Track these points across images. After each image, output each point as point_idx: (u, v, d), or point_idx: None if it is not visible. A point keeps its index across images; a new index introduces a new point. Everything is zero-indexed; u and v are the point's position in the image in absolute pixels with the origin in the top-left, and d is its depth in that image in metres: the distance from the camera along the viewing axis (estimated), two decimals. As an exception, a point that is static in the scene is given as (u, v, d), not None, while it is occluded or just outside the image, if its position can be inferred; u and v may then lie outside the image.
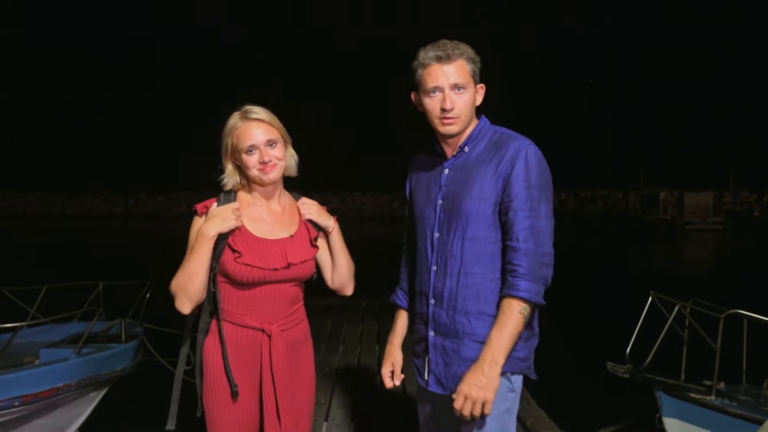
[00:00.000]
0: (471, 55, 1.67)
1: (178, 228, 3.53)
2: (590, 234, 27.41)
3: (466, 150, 1.72)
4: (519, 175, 1.60)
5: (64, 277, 5.25)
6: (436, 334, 1.71)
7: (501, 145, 1.66)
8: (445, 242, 1.70)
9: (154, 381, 5.16)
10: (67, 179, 53.59)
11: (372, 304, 7.29)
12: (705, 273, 16.90)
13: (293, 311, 1.82)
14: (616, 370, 3.92)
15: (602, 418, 4.87)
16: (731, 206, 37.52)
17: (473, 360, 1.59)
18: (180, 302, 1.70)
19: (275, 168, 1.75)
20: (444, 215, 1.71)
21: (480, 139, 1.71)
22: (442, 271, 1.70)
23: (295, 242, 1.80)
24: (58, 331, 4.73)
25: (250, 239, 1.75)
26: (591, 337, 6.46)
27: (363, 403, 3.83)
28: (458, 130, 1.68)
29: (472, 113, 1.70)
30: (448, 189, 1.72)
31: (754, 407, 3.43)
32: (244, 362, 1.75)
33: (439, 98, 1.65)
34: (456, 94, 1.65)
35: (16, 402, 3.55)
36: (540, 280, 1.58)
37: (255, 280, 1.72)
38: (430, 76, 1.64)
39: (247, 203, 1.81)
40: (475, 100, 1.70)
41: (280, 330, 1.76)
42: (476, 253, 1.65)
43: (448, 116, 1.65)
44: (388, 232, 33.10)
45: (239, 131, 1.74)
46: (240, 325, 1.75)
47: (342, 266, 1.92)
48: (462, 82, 1.64)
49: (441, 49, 1.64)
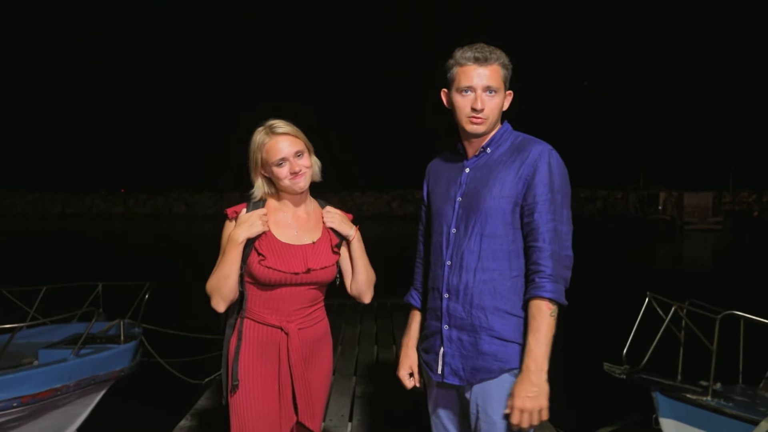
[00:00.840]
0: (506, 61, 1.72)
1: (176, 228, 3.52)
2: (589, 234, 27.41)
3: (488, 151, 1.76)
4: (542, 179, 1.64)
5: (64, 278, 5.26)
6: (451, 327, 1.73)
7: (523, 148, 1.70)
8: (462, 237, 1.72)
9: (153, 382, 5.19)
10: (66, 179, 53.56)
11: (370, 305, 7.30)
12: (704, 273, 16.91)
13: (312, 311, 1.95)
14: (613, 371, 3.93)
15: (599, 419, 4.88)
16: (730, 206, 37.59)
17: (490, 354, 1.65)
18: (215, 302, 1.85)
19: (304, 176, 1.88)
20: (462, 211, 1.74)
21: (502, 142, 1.76)
22: (458, 266, 1.72)
23: (317, 248, 1.92)
24: (58, 332, 4.74)
25: (274, 243, 1.87)
26: (588, 338, 6.48)
27: (361, 403, 3.85)
28: (484, 131, 1.72)
29: (498, 117, 1.75)
30: (468, 187, 1.75)
31: (750, 408, 3.44)
32: (264, 357, 1.87)
33: (470, 98, 1.69)
34: (488, 96, 1.69)
35: (15, 403, 3.56)
36: (562, 281, 1.62)
37: (276, 281, 1.85)
38: (465, 75, 1.68)
39: (274, 209, 1.94)
40: (504, 104, 1.75)
41: (297, 328, 1.89)
42: (493, 250, 1.68)
43: (477, 116, 1.69)
44: (387, 232, 33.13)
45: (267, 146, 1.85)
46: (261, 322, 1.88)
47: (360, 275, 2.00)
48: (495, 85, 1.69)
49: (479, 51, 1.68)
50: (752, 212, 36.78)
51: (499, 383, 1.64)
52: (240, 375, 1.86)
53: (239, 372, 1.86)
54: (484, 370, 1.66)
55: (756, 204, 38.45)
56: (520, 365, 1.60)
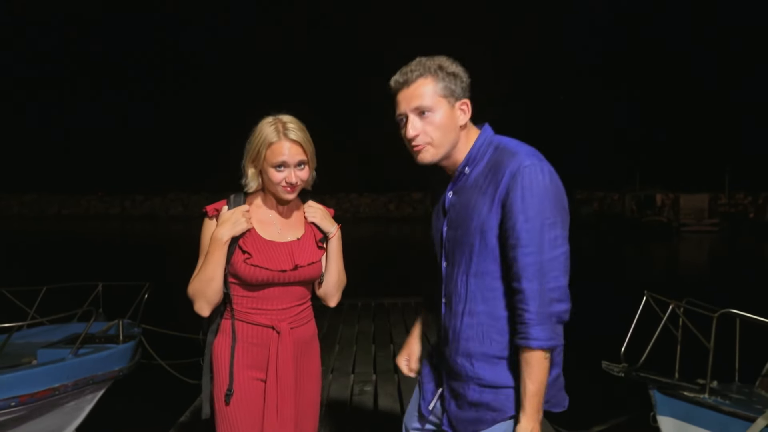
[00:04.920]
0: (445, 70, 1.49)
1: (176, 229, 3.52)
2: (586, 235, 27.46)
3: (467, 171, 1.55)
4: (515, 205, 1.40)
5: (63, 279, 5.25)
6: (446, 372, 1.61)
7: (498, 166, 1.47)
8: (450, 276, 1.57)
9: (151, 382, 5.18)
10: (63, 180, 53.46)
11: (368, 305, 7.31)
12: (700, 274, 16.97)
13: (301, 310, 1.87)
14: (611, 369, 3.95)
15: (597, 417, 4.90)
16: (726, 208, 37.67)
17: (480, 404, 1.52)
18: (199, 306, 1.75)
19: (297, 189, 1.79)
20: (449, 245, 1.58)
21: (480, 158, 1.53)
22: (449, 308, 1.58)
23: (302, 245, 1.85)
24: (57, 332, 4.74)
25: (259, 241, 1.79)
26: (586, 337, 6.50)
27: (358, 402, 3.85)
28: (434, 158, 1.52)
29: (451, 135, 1.51)
30: (450, 216, 1.58)
31: (746, 405, 3.46)
32: (255, 359, 1.80)
33: (405, 126, 1.51)
34: (421, 118, 1.49)
35: (13, 402, 3.55)
36: (551, 320, 1.41)
37: (263, 280, 1.77)
38: (396, 104, 1.52)
39: (257, 206, 1.86)
40: (454, 119, 1.51)
41: (289, 327, 1.81)
42: (481, 290, 1.50)
43: (414, 144, 1.50)
44: (384, 234, 33.12)
45: (274, 147, 1.74)
46: (251, 323, 1.80)
47: (332, 276, 1.91)
48: (426, 104, 1.47)
49: (401, 73, 1.51)
50: (748, 214, 36.87)
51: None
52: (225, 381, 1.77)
53: (224, 379, 1.77)
54: (477, 422, 1.53)
55: (751, 206, 38.55)
56: (517, 410, 1.48)
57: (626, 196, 36.25)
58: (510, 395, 1.50)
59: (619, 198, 38.19)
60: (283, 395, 1.79)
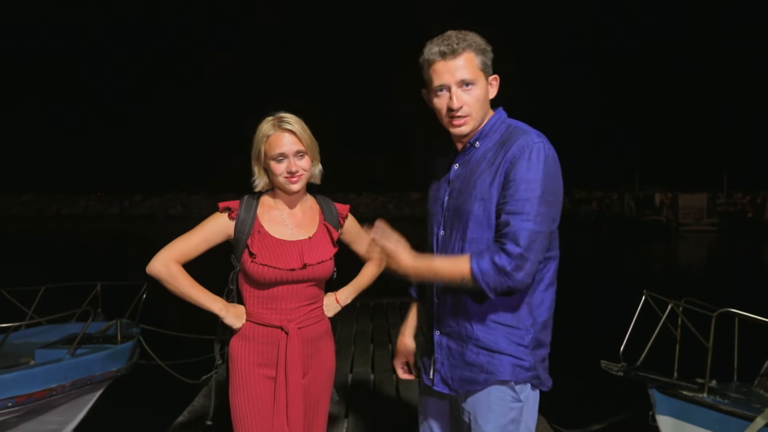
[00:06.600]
0: (480, 45, 1.55)
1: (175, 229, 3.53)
2: (585, 235, 27.47)
3: (477, 145, 1.61)
4: (518, 174, 1.46)
5: (61, 279, 5.24)
6: (441, 334, 1.65)
7: (507, 140, 1.54)
8: (447, 241, 1.62)
9: (150, 382, 5.17)
10: (62, 180, 53.43)
11: (367, 304, 7.31)
12: (699, 273, 16.98)
13: (311, 309, 1.90)
14: (610, 368, 3.94)
15: (596, 416, 4.90)
16: (725, 207, 37.68)
17: (477, 365, 1.56)
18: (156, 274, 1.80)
19: (301, 179, 1.82)
20: (449, 213, 1.63)
21: (491, 135, 1.60)
22: None
23: (313, 243, 1.87)
24: (55, 332, 4.72)
25: (268, 240, 1.82)
26: (585, 336, 6.51)
27: (357, 402, 3.85)
28: (470, 129, 1.58)
29: (484, 108, 1.59)
30: (453, 186, 1.63)
31: (745, 404, 3.46)
32: (265, 357, 1.83)
33: (446, 97, 1.55)
34: (464, 90, 1.54)
35: (10, 403, 3.54)
36: (501, 274, 1.44)
37: (272, 279, 1.80)
38: (436, 74, 1.54)
39: (269, 206, 1.89)
40: (488, 93, 1.59)
41: (297, 327, 1.84)
42: None
43: (457, 115, 1.55)
44: (384, 233, 33.04)
45: (271, 139, 1.80)
46: (261, 323, 1.84)
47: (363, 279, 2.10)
48: (470, 77, 1.53)
49: (445, 43, 1.53)
50: (746, 213, 36.89)
51: (488, 394, 1.57)
52: (241, 379, 1.83)
53: (239, 377, 1.83)
54: (471, 381, 1.58)
55: (750, 205, 38.55)
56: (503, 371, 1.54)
57: (625, 195, 36.29)
58: (504, 361, 1.55)
59: (618, 197, 38.24)
60: (291, 393, 1.83)
